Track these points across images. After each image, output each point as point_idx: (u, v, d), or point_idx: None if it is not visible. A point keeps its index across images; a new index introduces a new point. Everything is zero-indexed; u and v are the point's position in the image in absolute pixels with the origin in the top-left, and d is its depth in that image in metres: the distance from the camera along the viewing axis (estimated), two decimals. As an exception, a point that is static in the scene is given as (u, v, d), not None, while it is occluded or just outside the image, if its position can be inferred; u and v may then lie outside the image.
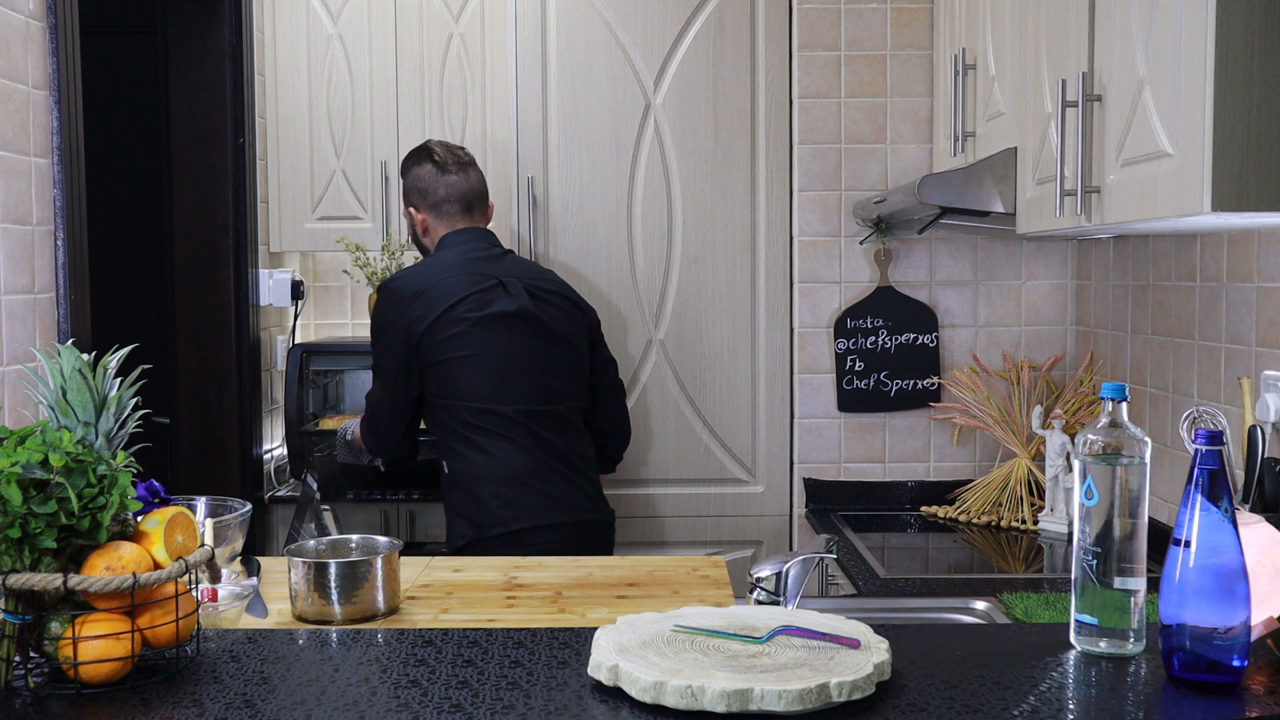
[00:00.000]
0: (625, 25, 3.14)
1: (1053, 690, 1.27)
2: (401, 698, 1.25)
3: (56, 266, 2.20)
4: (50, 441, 1.28)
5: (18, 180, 2.09)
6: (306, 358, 3.26)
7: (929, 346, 3.08)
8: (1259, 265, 2.10)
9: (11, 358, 2.05)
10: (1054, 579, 2.36)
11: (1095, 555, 1.37)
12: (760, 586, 1.60)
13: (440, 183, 2.72)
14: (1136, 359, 2.63)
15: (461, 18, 3.34)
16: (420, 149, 2.78)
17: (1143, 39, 1.68)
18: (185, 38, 3.19)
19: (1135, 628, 1.37)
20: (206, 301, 3.23)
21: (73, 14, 2.22)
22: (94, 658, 1.27)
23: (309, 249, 3.46)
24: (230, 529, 1.81)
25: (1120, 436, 1.37)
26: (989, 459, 3.08)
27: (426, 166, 2.73)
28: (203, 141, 3.20)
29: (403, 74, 3.35)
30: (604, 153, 3.16)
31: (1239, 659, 1.28)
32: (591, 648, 1.31)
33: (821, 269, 3.11)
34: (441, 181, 2.71)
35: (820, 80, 3.07)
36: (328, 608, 1.73)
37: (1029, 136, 2.21)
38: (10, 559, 1.25)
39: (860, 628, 1.37)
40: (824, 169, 3.08)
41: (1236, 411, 2.08)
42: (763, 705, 1.17)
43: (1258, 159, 1.47)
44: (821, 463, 3.13)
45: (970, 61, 2.62)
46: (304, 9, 3.34)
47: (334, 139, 3.37)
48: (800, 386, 3.14)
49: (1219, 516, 1.28)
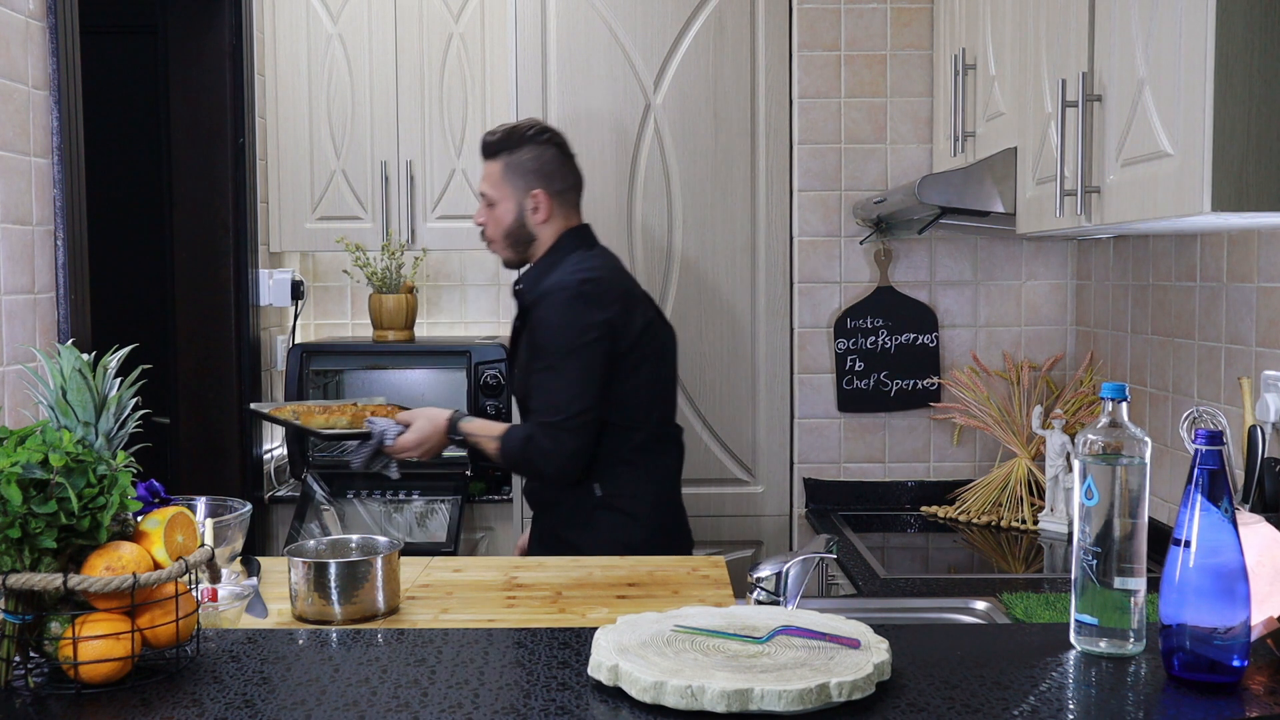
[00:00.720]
0: (625, 25, 3.14)
1: (1053, 690, 1.27)
2: (401, 698, 1.25)
3: (56, 266, 2.20)
4: (50, 441, 1.28)
5: (18, 180, 2.09)
6: (306, 358, 3.26)
7: (929, 346, 3.08)
8: (1259, 265, 2.10)
9: (11, 358, 2.05)
10: (1054, 579, 2.36)
11: (1095, 555, 1.37)
12: (760, 586, 1.60)
13: (567, 169, 2.50)
14: (1136, 359, 2.63)
15: (461, 18, 3.34)
16: (537, 127, 2.50)
17: (1143, 39, 1.68)
18: (185, 38, 3.19)
19: (1135, 628, 1.37)
20: (206, 301, 3.23)
21: (73, 14, 2.22)
22: (94, 658, 1.26)
23: (309, 249, 3.46)
24: (230, 529, 1.81)
25: (1120, 436, 1.37)
26: (989, 459, 3.08)
27: (550, 150, 2.47)
28: (203, 141, 3.20)
29: (403, 74, 3.35)
30: (604, 153, 3.15)
31: (1239, 659, 1.28)
32: (591, 648, 1.31)
33: (821, 269, 3.11)
34: (569, 168, 2.50)
35: (820, 80, 3.07)
36: (328, 608, 1.73)
37: (1029, 136, 2.21)
38: (10, 559, 1.25)
39: (860, 628, 1.37)
40: (824, 169, 3.08)
41: (1236, 411, 2.08)
42: (763, 705, 1.17)
43: (1258, 159, 1.47)
44: (821, 463, 3.13)
45: (970, 61, 2.62)
46: (304, 9, 3.34)
47: (334, 139, 3.37)
48: (800, 386, 3.13)
49: (1219, 516, 1.28)
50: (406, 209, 3.36)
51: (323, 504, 3.23)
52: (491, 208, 2.48)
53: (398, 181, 3.36)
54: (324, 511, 3.20)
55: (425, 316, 3.69)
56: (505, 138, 2.47)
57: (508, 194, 2.45)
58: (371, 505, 3.28)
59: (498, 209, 2.47)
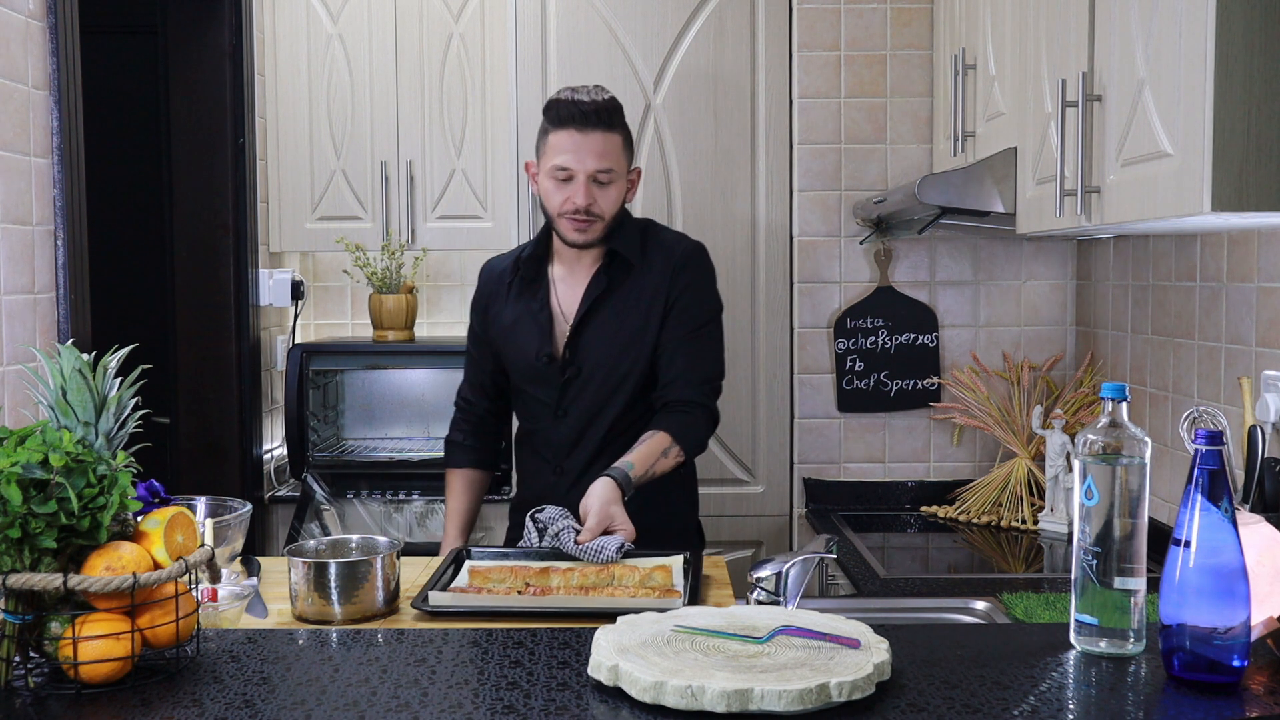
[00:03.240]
0: (625, 25, 3.14)
1: (1053, 690, 1.27)
2: (401, 698, 1.25)
3: (56, 266, 2.20)
4: (50, 441, 1.28)
5: (18, 180, 2.09)
6: (306, 358, 3.26)
7: (929, 346, 3.08)
8: (1259, 265, 2.10)
9: (11, 358, 2.05)
10: (1054, 579, 2.36)
11: (1095, 555, 1.37)
12: (760, 586, 1.60)
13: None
14: (1136, 359, 2.63)
15: (461, 18, 3.34)
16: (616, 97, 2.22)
17: (1143, 39, 1.68)
18: (185, 38, 3.19)
19: (1135, 628, 1.37)
20: (206, 301, 3.23)
21: (73, 14, 2.22)
22: (94, 658, 1.27)
23: (309, 249, 3.46)
24: (230, 529, 1.81)
25: (1120, 436, 1.37)
26: (989, 459, 3.08)
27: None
28: (203, 141, 3.20)
29: (403, 74, 3.35)
30: (604, 153, 3.15)
31: (1239, 659, 1.28)
32: (591, 648, 1.31)
33: (821, 269, 3.11)
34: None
35: (820, 80, 3.07)
36: (328, 608, 1.73)
37: (1029, 136, 2.21)
38: (10, 559, 1.25)
39: (860, 628, 1.37)
40: (824, 169, 3.08)
41: (1236, 411, 2.08)
42: (763, 705, 1.17)
43: (1258, 159, 1.47)
44: (821, 463, 3.13)
45: (970, 61, 2.62)
46: (304, 9, 3.34)
47: (334, 139, 3.37)
48: (800, 386, 3.13)
49: (1219, 516, 1.28)
50: (406, 209, 3.36)
51: (323, 504, 3.23)
52: (605, 187, 2.15)
53: (398, 181, 3.35)
54: (324, 511, 3.20)
55: (425, 316, 3.69)
56: (618, 105, 2.18)
57: (624, 170, 2.19)
58: (371, 505, 3.28)
59: (613, 189, 2.16)
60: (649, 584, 1.82)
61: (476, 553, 2.00)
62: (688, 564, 1.91)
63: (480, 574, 1.88)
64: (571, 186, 2.14)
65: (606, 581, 1.84)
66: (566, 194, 2.14)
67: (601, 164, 2.13)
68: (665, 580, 1.83)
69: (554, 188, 2.16)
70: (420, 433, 3.48)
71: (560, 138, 2.13)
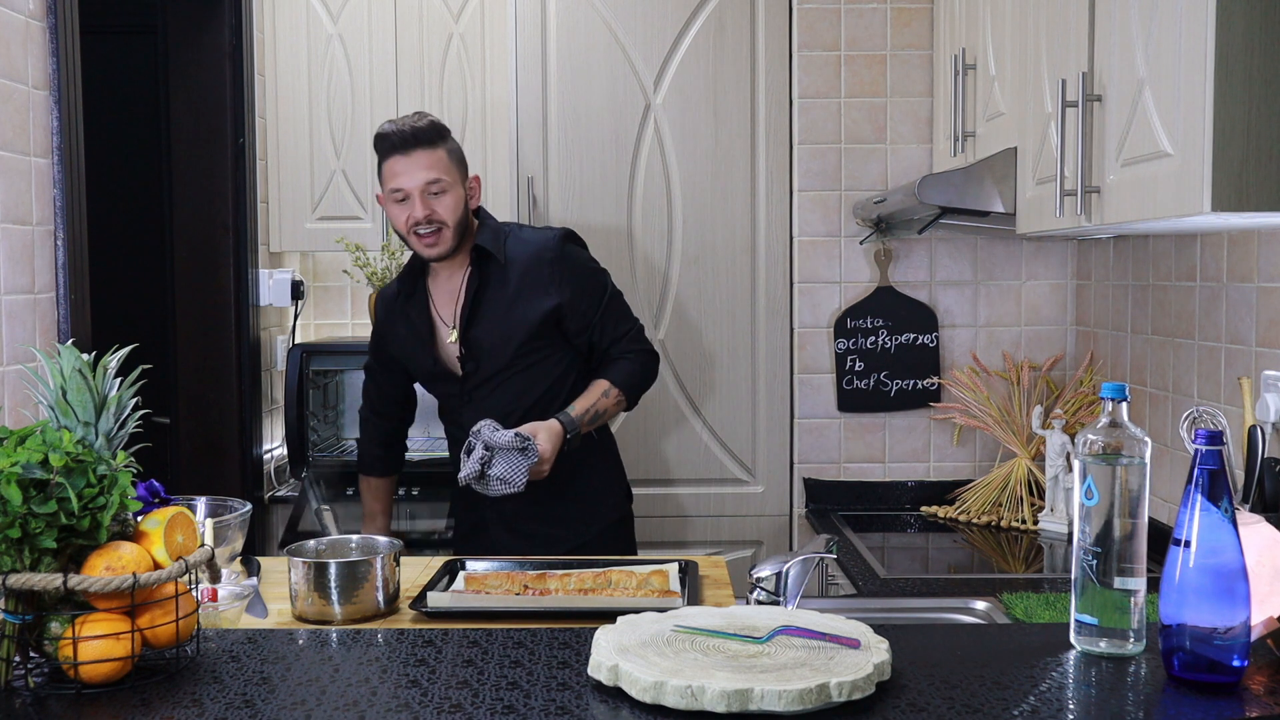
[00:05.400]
0: (625, 25, 3.14)
1: (1053, 690, 1.27)
2: (401, 698, 1.25)
3: (56, 266, 2.20)
4: (50, 441, 1.28)
5: (18, 180, 2.09)
6: (306, 358, 3.26)
7: (929, 346, 3.08)
8: (1259, 265, 2.10)
9: (11, 358, 2.05)
10: (1054, 579, 2.36)
11: (1095, 555, 1.37)
12: (760, 586, 1.60)
13: None
14: (1136, 359, 2.63)
15: (461, 18, 3.33)
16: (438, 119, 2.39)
17: (1143, 39, 1.68)
18: (185, 38, 3.19)
19: (1135, 628, 1.37)
20: (206, 301, 3.23)
21: (73, 14, 2.22)
22: (94, 658, 1.27)
23: (309, 249, 3.46)
24: (230, 529, 1.81)
25: (1120, 436, 1.37)
26: (989, 459, 3.08)
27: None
28: (203, 141, 3.20)
29: (403, 74, 3.35)
30: (604, 153, 3.15)
31: (1239, 659, 1.28)
32: (591, 648, 1.31)
33: (821, 269, 3.11)
34: None
35: (820, 80, 3.07)
36: (328, 608, 1.73)
37: (1029, 136, 2.21)
38: (10, 559, 1.25)
39: (860, 628, 1.37)
40: (824, 169, 3.08)
41: (1236, 411, 2.08)
42: (763, 705, 1.17)
43: (1258, 159, 1.47)
44: (821, 463, 3.13)
45: (970, 61, 2.62)
46: (304, 9, 3.34)
47: (334, 139, 3.37)
48: (800, 386, 3.13)
49: (1219, 516, 1.28)
50: (406, 209, 3.35)
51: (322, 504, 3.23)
52: (440, 196, 2.32)
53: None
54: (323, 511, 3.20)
55: (425, 316, 3.69)
56: (437, 125, 2.36)
57: (457, 179, 2.35)
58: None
59: (449, 196, 2.32)
60: (646, 588, 1.84)
61: (470, 563, 2.02)
62: (683, 570, 1.94)
63: (477, 580, 1.90)
64: (409, 204, 2.31)
65: (604, 585, 1.86)
66: (407, 211, 2.32)
67: (430, 175, 2.30)
68: (662, 584, 1.85)
69: (397, 210, 2.34)
70: (420, 432, 3.48)
71: (390, 164, 2.33)
